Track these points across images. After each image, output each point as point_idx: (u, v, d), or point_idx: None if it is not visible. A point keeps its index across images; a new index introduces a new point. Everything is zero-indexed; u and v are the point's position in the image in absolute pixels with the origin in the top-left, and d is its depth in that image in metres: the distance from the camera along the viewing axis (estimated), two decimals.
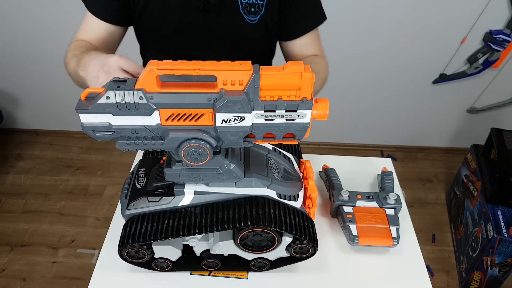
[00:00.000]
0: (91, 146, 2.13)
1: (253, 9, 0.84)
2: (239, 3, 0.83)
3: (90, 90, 0.52)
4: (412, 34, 1.68)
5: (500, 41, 1.64)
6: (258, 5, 0.84)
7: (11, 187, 1.93)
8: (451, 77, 1.81)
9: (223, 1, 0.82)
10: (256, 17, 0.85)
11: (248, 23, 0.86)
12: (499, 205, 1.43)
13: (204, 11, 0.82)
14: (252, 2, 0.83)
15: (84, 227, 1.76)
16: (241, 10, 0.84)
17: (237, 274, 0.75)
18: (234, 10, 0.84)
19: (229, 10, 0.84)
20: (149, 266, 0.72)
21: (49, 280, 1.56)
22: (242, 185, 0.63)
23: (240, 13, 0.84)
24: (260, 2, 0.84)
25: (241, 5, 0.83)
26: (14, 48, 1.82)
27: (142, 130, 0.54)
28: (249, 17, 0.85)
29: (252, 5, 0.84)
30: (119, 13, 0.84)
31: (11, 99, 2.06)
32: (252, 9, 0.84)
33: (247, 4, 0.83)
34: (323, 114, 0.55)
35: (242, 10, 0.84)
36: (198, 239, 0.70)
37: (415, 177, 2.09)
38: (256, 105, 0.52)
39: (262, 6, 0.84)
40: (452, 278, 1.64)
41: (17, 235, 1.72)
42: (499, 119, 2.00)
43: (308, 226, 0.67)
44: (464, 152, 1.82)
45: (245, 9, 0.84)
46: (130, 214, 0.66)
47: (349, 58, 1.75)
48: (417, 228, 0.83)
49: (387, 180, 0.88)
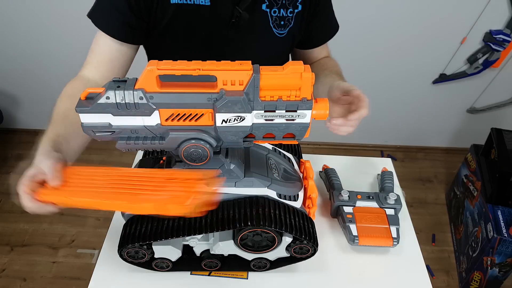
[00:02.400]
0: (91, 146, 2.10)
1: (282, 22, 0.81)
2: (269, 16, 0.80)
3: (90, 90, 0.52)
4: (412, 34, 1.68)
5: (500, 41, 1.64)
6: (288, 17, 0.81)
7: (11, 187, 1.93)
8: (451, 77, 1.81)
9: (253, 15, 0.78)
10: (285, 30, 0.82)
11: (277, 37, 0.83)
12: (499, 205, 1.43)
13: (235, 27, 0.78)
14: (282, 15, 0.80)
15: (84, 227, 1.76)
16: (271, 24, 0.81)
17: (237, 274, 0.74)
18: (264, 25, 0.80)
19: (259, 25, 0.80)
20: (149, 266, 0.72)
21: (49, 280, 1.56)
22: (242, 185, 0.63)
23: (270, 27, 0.81)
24: (290, 14, 0.81)
25: (271, 18, 0.80)
26: (14, 48, 1.81)
27: (142, 130, 0.54)
28: (278, 31, 0.82)
29: (282, 18, 0.81)
30: (136, 30, 0.76)
31: (11, 99, 2.06)
32: (282, 22, 0.81)
33: (277, 18, 0.80)
34: (323, 114, 0.55)
35: (272, 24, 0.81)
36: (198, 239, 0.70)
37: (415, 177, 2.08)
38: (256, 105, 0.52)
39: (292, 19, 0.81)
40: (452, 278, 1.64)
41: (17, 235, 1.72)
42: (499, 119, 2.00)
43: (308, 226, 0.67)
44: (464, 152, 1.82)
45: (274, 23, 0.81)
46: (130, 214, 0.66)
47: (349, 58, 1.75)
48: (417, 228, 0.83)
49: (387, 180, 0.88)
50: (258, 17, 0.79)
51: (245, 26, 0.78)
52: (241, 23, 0.77)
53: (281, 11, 0.80)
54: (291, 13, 0.81)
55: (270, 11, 0.79)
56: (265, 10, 0.79)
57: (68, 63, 1.87)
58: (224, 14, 0.76)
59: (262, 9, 0.78)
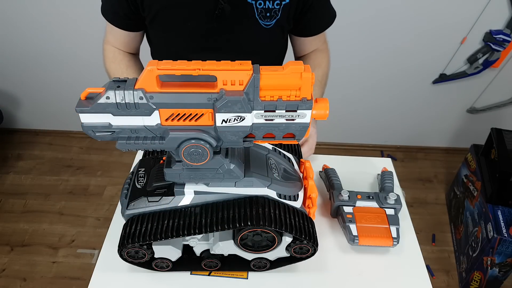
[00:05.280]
0: (91, 146, 2.13)
1: (268, 14, 0.82)
2: (255, 8, 0.81)
3: (90, 90, 0.52)
4: (412, 34, 1.68)
5: (500, 41, 1.64)
6: (275, 9, 0.82)
7: (11, 187, 1.93)
8: (451, 77, 1.81)
9: (238, 7, 0.80)
10: (272, 21, 0.83)
11: (263, 28, 0.84)
12: (499, 205, 1.43)
13: (219, 18, 0.81)
14: (268, 7, 0.81)
15: (84, 227, 1.76)
16: (257, 16, 0.82)
17: (237, 274, 0.75)
18: (249, 16, 0.82)
19: (244, 16, 0.82)
20: (149, 266, 0.72)
21: (49, 280, 1.56)
22: (242, 185, 0.63)
23: (256, 19, 0.82)
24: (276, 6, 0.82)
25: (257, 10, 0.81)
26: (14, 48, 1.82)
27: (142, 130, 0.54)
28: (265, 22, 0.83)
29: (268, 10, 0.82)
30: (134, 21, 0.87)
31: (11, 99, 2.06)
32: (268, 14, 0.82)
33: (262, 9, 0.81)
34: (323, 114, 0.55)
35: (258, 16, 0.82)
36: (198, 239, 0.70)
37: (415, 177, 2.09)
38: (256, 105, 0.52)
39: (278, 11, 0.82)
40: (452, 278, 1.64)
41: (17, 235, 1.72)
42: (499, 119, 2.00)
43: (308, 226, 0.67)
44: (464, 152, 1.82)
45: (260, 15, 0.82)
46: (130, 214, 0.66)
47: (349, 58, 1.75)
48: (417, 228, 0.83)
49: (387, 180, 0.88)
50: (243, 9, 0.81)
51: (231, 18, 0.81)
52: (225, 15, 0.80)
53: (267, 3, 0.81)
54: (278, 5, 0.82)
55: (255, 3, 0.81)
56: (250, 2, 0.80)
57: (68, 63, 1.87)
58: (207, 6, 0.80)
59: (247, 1, 0.80)
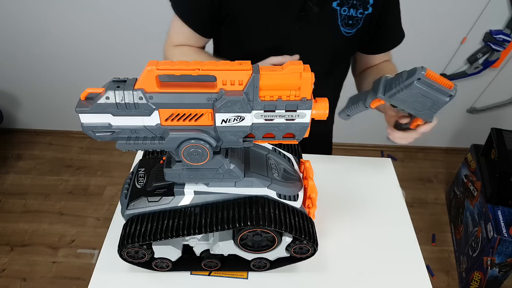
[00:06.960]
0: (91, 146, 2.13)
1: (351, 21, 0.82)
2: (338, 14, 0.81)
3: (89, 90, 0.52)
4: (412, 34, 1.66)
5: (500, 41, 1.64)
6: (357, 18, 0.82)
7: (11, 187, 1.93)
8: (451, 77, 1.81)
9: (323, 11, 0.80)
10: (353, 30, 0.83)
11: (343, 36, 0.83)
12: (499, 205, 1.43)
13: (302, 20, 0.80)
14: (351, 15, 0.81)
15: (84, 227, 1.76)
16: (339, 22, 0.81)
17: (237, 274, 0.75)
18: (332, 21, 0.81)
19: (327, 20, 0.81)
20: (149, 266, 0.72)
21: (49, 280, 1.56)
22: (242, 185, 0.63)
23: (338, 25, 0.82)
24: (359, 15, 0.81)
25: (340, 16, 0.81)
26: (14, 48, 1.82)
27: (142, 130, 0.54)
28: (346, 29, 0.82)
29: (351, 18, 0.81)
30: (211, 28, 0.86)
31: (11, 99, 2.07)
32: (350, 21, 0.82)
33: (346, 16, 0.81)
34: (323, 113, 0.55)
35: (340, 22, 0.81)
36: (198, 239, 0.70)
37: (415, 177, 2.09)
38: (255, 105, 0.52)
39: (360, 20, 0.82)
40: (452, 278, 1.64)
41: (17, 235, 1.72)
42: (499, 119, 2.00)
43: (308, 226, 0.67)
44: (464, 152, 1.82)
45: (343, 21, 0.81)
46: (130, 214, 0.66)
47: None
48: (417, 228, 0.83)
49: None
50: (327, 13, 0.80)
51: (314, 20, 0.80)
52: (310, 17, 0.79)
53: (351, 11, 0.81)
54: (361, 14, 0.82)
55: (340, 9, 0.80)
56: (335, 8, 0.80)
57: (68, 63, 1.87)
58: (295, 6, 0.79)
59: (332, 7, 0.80)
